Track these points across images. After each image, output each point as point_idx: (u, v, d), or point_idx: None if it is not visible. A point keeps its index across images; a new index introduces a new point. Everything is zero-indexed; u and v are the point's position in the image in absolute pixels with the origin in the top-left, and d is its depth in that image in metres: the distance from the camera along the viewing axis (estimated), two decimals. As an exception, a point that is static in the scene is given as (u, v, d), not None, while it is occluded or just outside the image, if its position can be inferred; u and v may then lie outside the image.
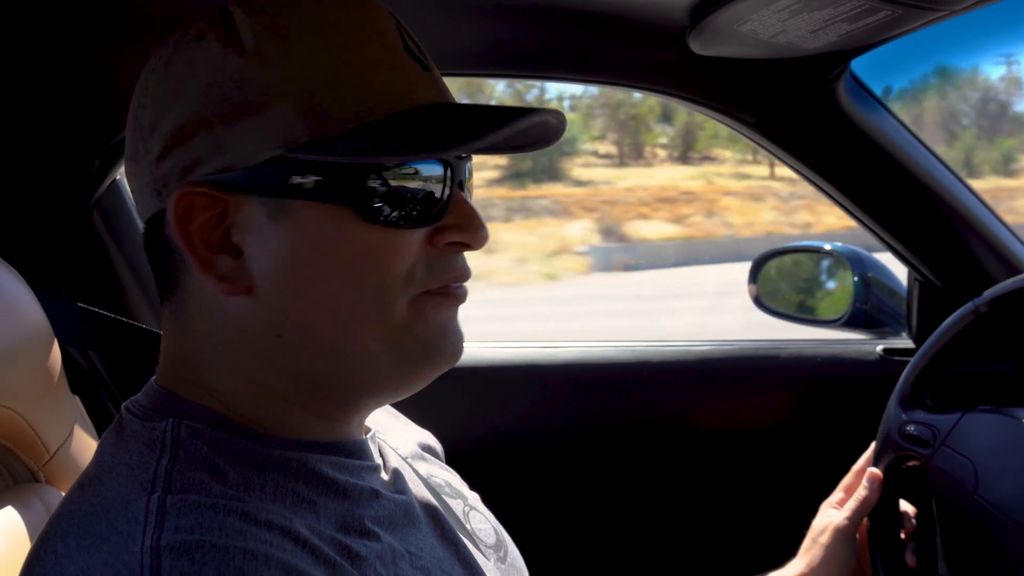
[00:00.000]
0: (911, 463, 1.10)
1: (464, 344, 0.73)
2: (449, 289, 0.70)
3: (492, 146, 0.69)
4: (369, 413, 0.76)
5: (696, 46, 1.22)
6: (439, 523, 0.77)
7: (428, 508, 0.77)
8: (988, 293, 1.11)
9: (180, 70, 0.65)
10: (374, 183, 0.64)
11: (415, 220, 0.66)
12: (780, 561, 1.11)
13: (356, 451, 0.72)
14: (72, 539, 0.59)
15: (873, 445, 1.15)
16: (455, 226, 0.68)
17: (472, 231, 0.69)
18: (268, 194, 0.64)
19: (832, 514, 1.09)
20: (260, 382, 0.68)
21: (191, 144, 0.64)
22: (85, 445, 1.00)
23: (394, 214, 0.65)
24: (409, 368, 0.69)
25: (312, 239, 0.64)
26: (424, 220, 0.66)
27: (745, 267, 1.81)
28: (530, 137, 0.73)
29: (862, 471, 1.14)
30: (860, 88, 1.40)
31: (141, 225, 0.70)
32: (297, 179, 0.63)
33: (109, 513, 0.59)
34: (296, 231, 0.64)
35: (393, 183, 0.65)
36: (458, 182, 0.69)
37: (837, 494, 1.14)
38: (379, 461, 0.75)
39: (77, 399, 1.04)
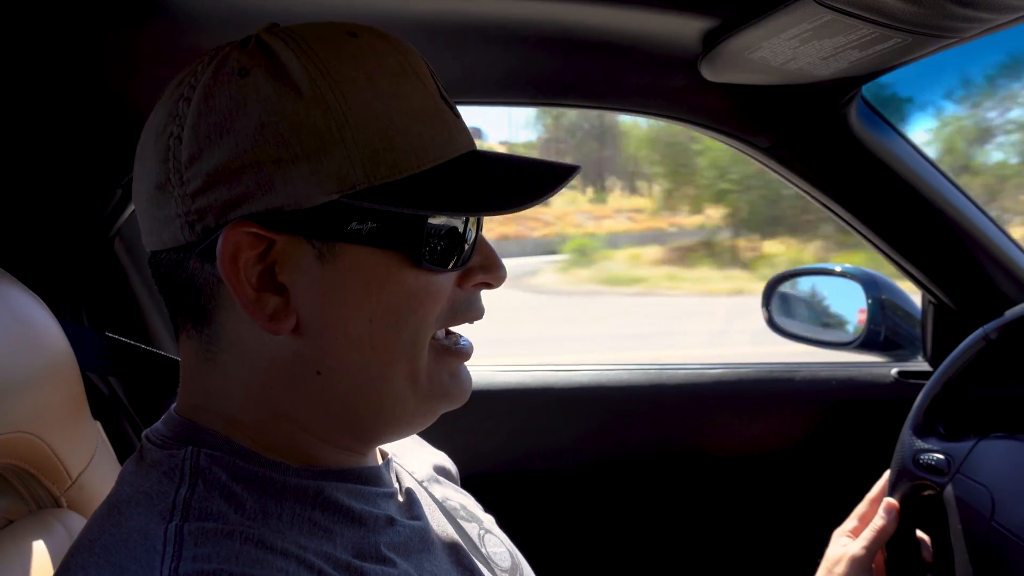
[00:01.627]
0: (927, 492, 1.10)
1: (474, 374, 0.77)
2: (460, 347, 0.74)
3: None
4: (385, 443, 0.77)
5: (708, 73, 1.24)
6: (454, 548, 0.77)
7: (443, 533, 0.78)
8: (998, 320, 1.11)
9: (226, 105, 0.63)
10: (425, 230, 0.66)
11: (453, 263, 0.69)
12: (796, 586, 1.11)
13: (372, 478, 0.73)
14: (92, 569, 0.59)
15: (887, 474, 1.15)
16: (480, 267, 0.72)
17: (495, 270, 0.73)
18: (321, 237, 0.64)
19: (847, 543, 1.09)
20: (289, 415, 0.68)
21: (238, 181, 0.62)
22: (106, 470, 1.01)
23: (436, 258, 0.68)
24: (428, 409, 0.72)
25: (362, 282, 0.66)
26: (459, 262, 0.70)
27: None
28: None
29: (876, 500, 1.13)
30: (871, 112, 1.41)
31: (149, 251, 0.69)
32: (355, 225, 0.64)
33: (128, 542, 0.60)
34: (346, 273, 0.65)
35: (435, 228, 0.67)
36: (479, 224, 0.72)
37: (850, 522, 1.13)
38: (395, 487, 0.76)
39: (98, 424, 1.05)
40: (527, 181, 0.68)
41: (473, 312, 0.73)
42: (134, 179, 0.69)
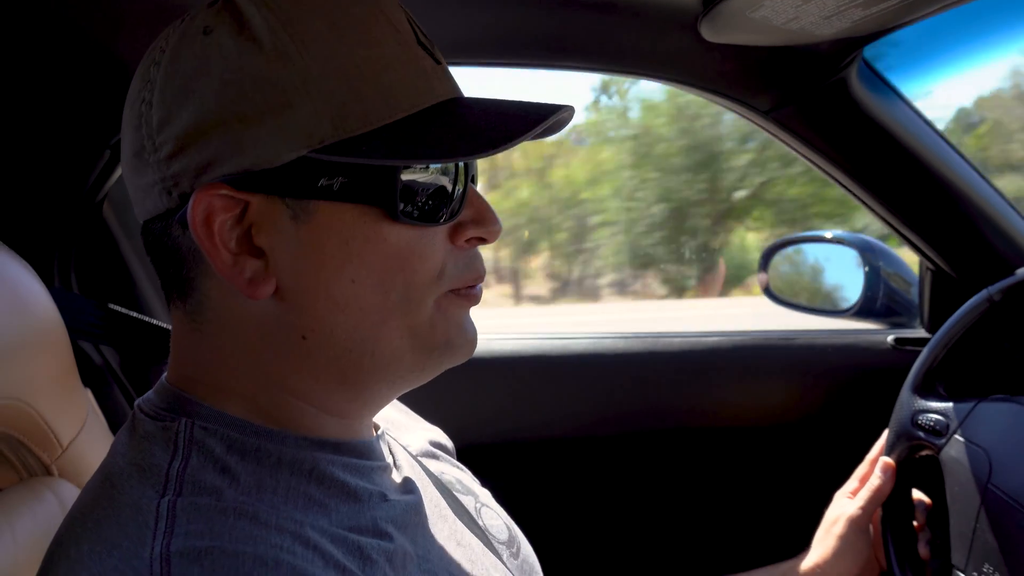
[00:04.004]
0: (924, 452, 1.10)
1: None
2: (472, 290, 0.70)
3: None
4: (382, 407, 0.75)
5: (708, 33, 1.21)
6: (448, 523, 0.77)
7: (438, 508, 0.77)
8: (1002, 282, 1.10)
9: (191, 66, 0.62)
10: (400, 183, 0.63)
11: (438, 217, 0.66)
12: (793, 550, 1.11)
13: (366, 451, 0.72)
14: (85, 544, 0.58)
15: (886, 433, 1.15)
16: (472, 221, 0.69)
17: (488, 225, 0.69)
18: (293, 195, 0.62)
19: (845, 504, 1.09)
20: (280, 382, 0.67)
21: (206, 143, 0.61)
22: (97, 438, 1.00)
23: (419, 212, 0.65)
24: (429, 363, 0.69)
25: (339, 240, 0.63)
26: (447, 216, 0.67)
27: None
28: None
29: (876, 460, 1.14)
30: (873, 75, 1.39)
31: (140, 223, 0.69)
32: (324, 180, 0.62)
33: (120, 517, 0.59)
34: (322, 232, 0.63)
35: (416, 182, 0.64)
36: (471, 176, 0.69)
37: (851, 483, 1.14)
38: (389, 460, 0.75)
39: (89, 392, 1.04)
40: (506, 123, 0.64)
41: (472, 272, 0.70)
42: (121, 149, 0.68)
